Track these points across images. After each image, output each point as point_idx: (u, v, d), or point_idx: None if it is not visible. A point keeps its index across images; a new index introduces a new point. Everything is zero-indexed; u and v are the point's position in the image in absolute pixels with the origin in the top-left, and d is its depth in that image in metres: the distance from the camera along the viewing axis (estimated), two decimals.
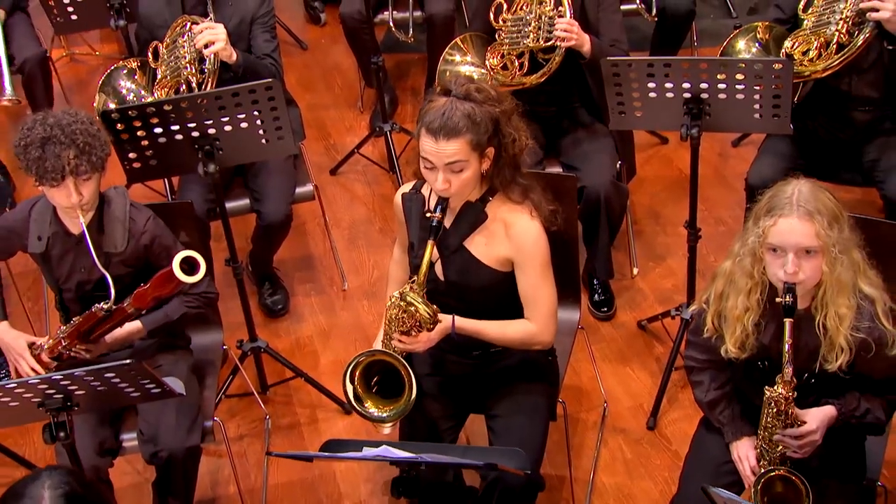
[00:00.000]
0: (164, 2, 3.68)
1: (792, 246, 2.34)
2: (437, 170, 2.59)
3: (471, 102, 2.61)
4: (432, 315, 2.66)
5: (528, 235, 2.71)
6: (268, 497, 3.32)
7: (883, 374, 2.50)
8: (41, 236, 2.90)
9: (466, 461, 2.32)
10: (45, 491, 1.86)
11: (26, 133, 2.66)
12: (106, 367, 2.39)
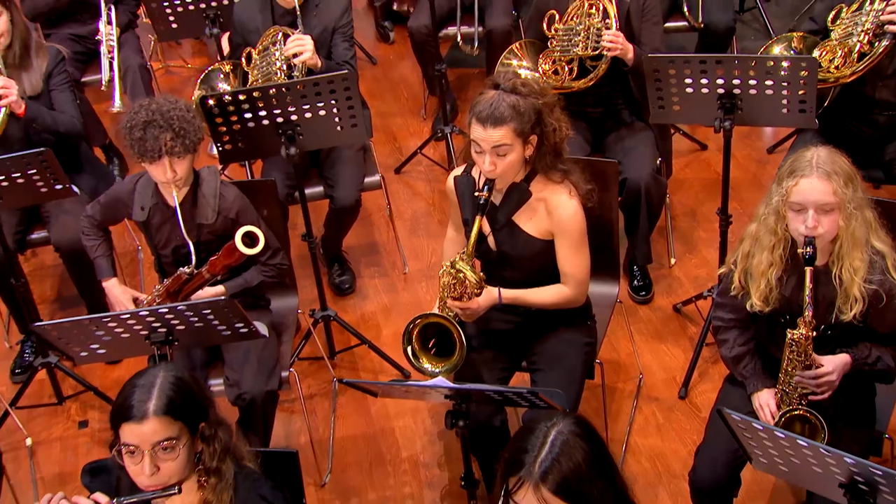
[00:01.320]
0: (257, 10, 3.92)
1: (812, 203, 2.48)
2: (484, 153, 2.78)
3: (516, 95, 2.79)
4: (479, 281, 2.85)
5: (566, 211, 2.88)
6: (334, 448, 3.51)
7: (890, 327, 2.62)
8: (143, 206, 3.14)
9: (511, 388, 2.47)
10: (160, 374, 2.09)
11: (132, 116, 2.91)
12: (204, 303, 2.65)
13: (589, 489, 1.87)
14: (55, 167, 3.28)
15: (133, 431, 2.04)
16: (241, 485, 2.18)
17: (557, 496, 1.85)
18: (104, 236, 3.31)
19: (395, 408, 3.65)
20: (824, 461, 2.10)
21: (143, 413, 2.03)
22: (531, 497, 1.86)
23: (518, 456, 1.90)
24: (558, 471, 1.86)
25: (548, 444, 1.89)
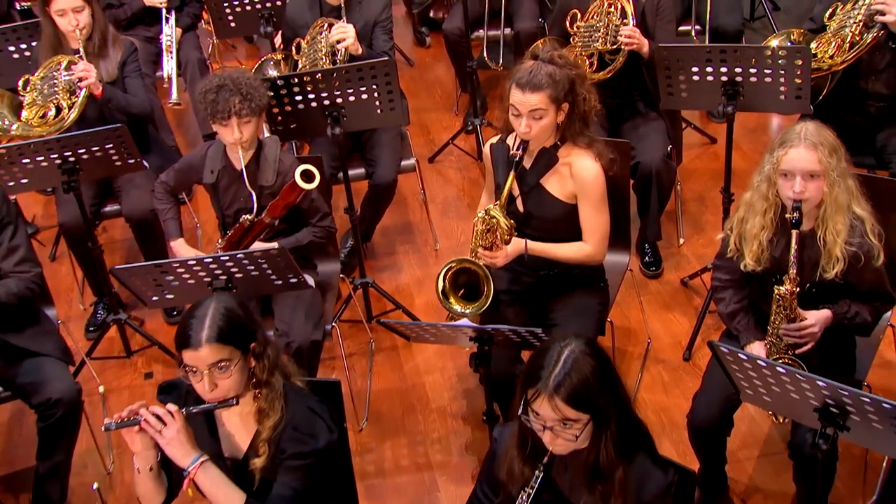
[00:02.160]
0: (306, 7, 4.18)
1: (799, 170, 2.64)
2: (521, 116, 2.98)
3: (553, 65, 2.98)
4: (510, 227, 3.04)
5: (589, 173, 3.06)
6: (370, 399, 3.72)
7: (869, 285, 2.78)
8: (213, 170, 3.38)
9: (528, 328, 2.63)
10: (212, 306, 2.29)
11: (207, 82, 3.18)
12: (259, 252, 2.88)
13: (596, 399, 2.05)
14: (129, 142, 3.54)
15: (191, 356, 2.25)
16: (291, 397, 2.37)
17: (568, 405, 2.02)
18: (174, 201, 3.56)
19: (425, 366, 3.86)
20: (800, 386, 2.28)
21: (197, 342, 2.23)
22: (546, 406, 2.04)
23: (535, 371, 2.07)
24: (569, 383, 2.03)
25: (561, 361, 2.05)
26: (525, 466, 2.17)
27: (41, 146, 3.43)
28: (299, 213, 3.38)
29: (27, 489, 3.37)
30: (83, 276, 4.20)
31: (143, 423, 2.26)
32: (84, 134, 3.47)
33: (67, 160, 3.46)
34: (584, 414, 2.03)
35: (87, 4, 3.87)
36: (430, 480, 3.38)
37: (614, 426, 2.09)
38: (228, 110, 3.12)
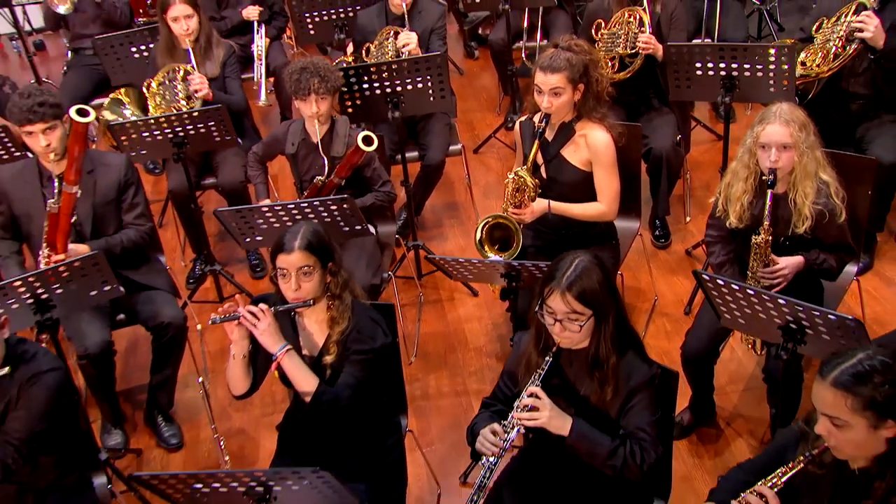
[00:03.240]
0: (374, 16, 4.53)
1: (774, 142, 2.89)
2: (543, 94, 3.27)
3: (570, 52, 3.27)
4: (535, 185, 3.33)
5: (601, 141, 3.33)
6: (419, 340, 4.02)
7: (834, 239, 3.01)
8: (293, 143, 3.73)
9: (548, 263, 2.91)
10: (305, 224, 2.63)
11: (293, 65, 3.54)
12: (331, 199, 3.21)
13: (598, 298, 2.31)
14: (227, 121, 3.88)
15: (284, 259, 2.58)
16: (356, 309, 2.69)
17: (576, 300, 2.29)
18: (263, 169, 3.92)
19: (465, 315, 4.16)
20: (766, 306, 2.54)
21: (291, 248, 2.56)
22: (558, 300, 2.31)
23: (552, 273, 2.35)
24: (579, 283, 2.30)
25: (573, 266, 2.33)
26: (539, 358, 2.46)
27: (158, 123, 3.81)
28: (364, 181, 3.70)
29: (141, 402, 3.75)
30: (184, 237, 4.58)
31: (242, 318, 2.60)
32: (191, 113, 3.85)
33: (178, 135, 3.83)
34: (588, 309, 2.31)
35: (195, 12, 4.26)
36: (467, 403, 3.67)
37: (611, 324, 2.37)
38: (308, 88, 3.47)
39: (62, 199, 3.17)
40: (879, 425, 1.93)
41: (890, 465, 1.99)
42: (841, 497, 2.09)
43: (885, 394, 1.91)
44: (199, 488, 2.20)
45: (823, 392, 1.97)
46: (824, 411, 1.97)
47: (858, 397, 1.92)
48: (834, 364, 1.98)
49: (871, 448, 1.98)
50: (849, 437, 1.95)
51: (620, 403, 2.44)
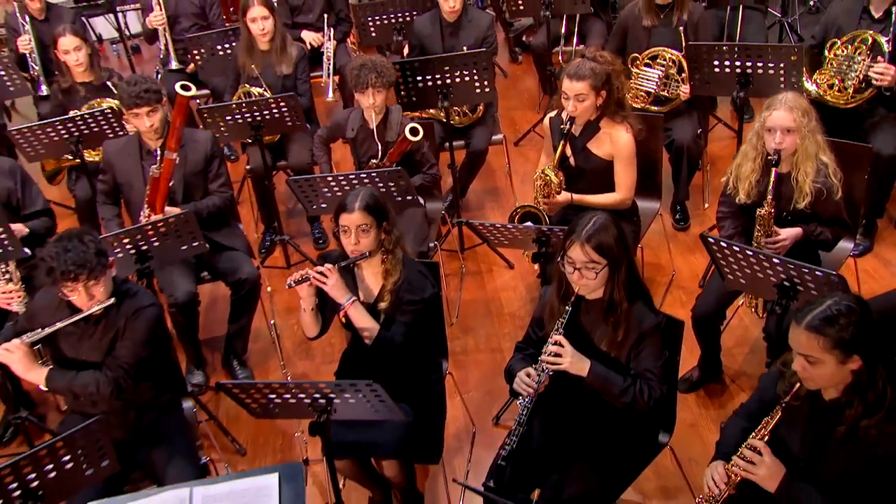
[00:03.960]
0: (429, 22, 4.76)
1: (779, 126, 3.04)
2: (570, 99, 3.45)
3: (595, 62, 3.45)
4: (560, 182, 3.53)
5: (622, 140, 3.51)
6: (460, 305, 4.24)
7: (830, 214, 3.14)
8: (353, 128, 3.98)
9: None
10: (364, 189, 2.87)
11: (354, 62, 3.79)
12: (385, 170, 3.45)
13: (613, 251, 2.49)
14: (298, 108, 4.15)
15: (346, 218, 2.81)
16: (407, 264, 2.91)
17: (594, 250, 2.47)
18: (327, 150, 4.18)
19: (502, 285, 4.37)
20: (763, 265, 2.71)
21: (352, 208, 2.79)
22: (578, 250, 2.49)
23: (573, 228, 2.53)
24: (597, 236, 2.48)
25: (591, 221, 2.51)
26: (560, 304, 2.66)
27: (239, 108, 4.10)
28: (415, 163, 3.93)
29: (219, 349, 4.03)
30: (258, 212, 4.87)
31: (313, 278, 2.84)
32: (265, 100, 4.13)
33: (255, 119, 4.12)
34: (604, 259, 2.50)
35: (271, 15, 4.55)
36: (500, 359, 3.86)
37: (623, 274, 2.55)
38: (367, 82, 3.72)
39: (163, 165, 3.48)
40: (846, 360, 2.10)
41: (857, 393, 2.14)
42: (816, 425, 2.25)
43: (850, 333, 2.08)
44: (272, 398, 2.46)
45: (798, 335, 2.13)
46: (800, 351, 2.14)
47: (828, 337, 2.08)
48: (807, 310, 2.14)
49: (840, 379, 2.14)
50: (821, 372, 2.12)
51: (630, 347, 2.61)
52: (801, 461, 2.25)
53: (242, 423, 3.69)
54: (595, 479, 2.61)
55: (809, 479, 2.23)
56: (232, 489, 2.11)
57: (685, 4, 4.30)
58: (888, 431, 2.11)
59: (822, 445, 2.22)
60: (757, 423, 2.33)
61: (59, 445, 2.32)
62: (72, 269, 2.67)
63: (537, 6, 5.07)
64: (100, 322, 2.86)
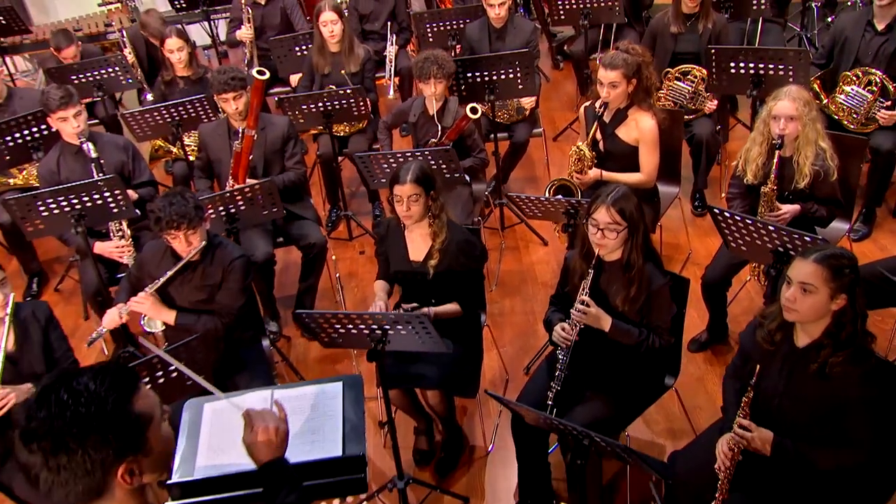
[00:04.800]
0: (478, 28, 4.99)
1: (783, 115, 3.19)
2: (604, 86, 3.65)
3: (627, 54, 3.66)
4: (592, 157, 3.73)
5: (647, 125, 3.69)
6: (500, 274, 4.46)
7: (826, 194, 3.28)
8: (415, 114, 4.22)
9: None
10: (415, 162, 3.09)
11: (419, 55, 4.04)
12: (436, 149, 3.70)
13: (632, 215, 2.65)
14: (364, 100, 4.42)
15: (398, 189, 3.00)
16: (451, 227, 3.12)
17: (616, 213, 2.62)
18: (389, 135, 4.43)
19: (537, 259, 4.58)
20: (760, 233, 2.88)
21: (404, 180, 2.99)
22: (603, 212, 2.63)
23: (598, 194, 2.70)
24: (620, 201, 2.63)
25: (615, 190, 2.68)
26: (583, 262, 2.84)
27: (314, 98, 4.40)
28: (466, 147, 4.16)
29: (291, 305, 4.33)
30: (326, 193, 5.16)
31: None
32: (337, 91, 4.41)
33: (327, 108, 4.43)
34: (624, 222, 2.66)
35: (340, 19, 4.83)
36: (533, 320, 4.10)
37: (639, 237, 2.72)
38: (429, 73, 3.98)
39: (244, 141, 3.81)
40: (835, 296, 2.25)
41: (832, 338, 2.30)
42: (789, 366, 2.40)
43: (846, 275, 2.24)
44: (337, 328, 2.73)
45: (805, 265, 2.26)
46: (801, 280, 2.26)
47: (831, 270, 2.23)
48: (817, 249, 2.30)
49: (822, 314, 2.28)
50: (811, 302, 2.25)
51: (642, 303, 2.78)
52: (777, 398, 2.41)
53: (309, 366, 3.99)
54: (606, 409, 2.81)
55: (786, 418, 2.39)
56: (304, 392, 2.38)
57: (710, 14, 4.47)
58: (850, 372, 2.26)
59: (796, 384, 2.37)
60: (742, 376, 2.50)
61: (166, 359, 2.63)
62: (175, 219, 3.00)
63: (576, 16, 5.26)
64: (197, 268, 3.19)
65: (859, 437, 2.27)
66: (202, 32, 6.89)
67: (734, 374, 2.62)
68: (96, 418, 1.35)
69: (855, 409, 2.25)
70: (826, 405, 2.30)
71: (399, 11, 5.82)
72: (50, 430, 1.33)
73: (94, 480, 1.36)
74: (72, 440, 1.34)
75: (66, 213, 3.56)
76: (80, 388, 1.36)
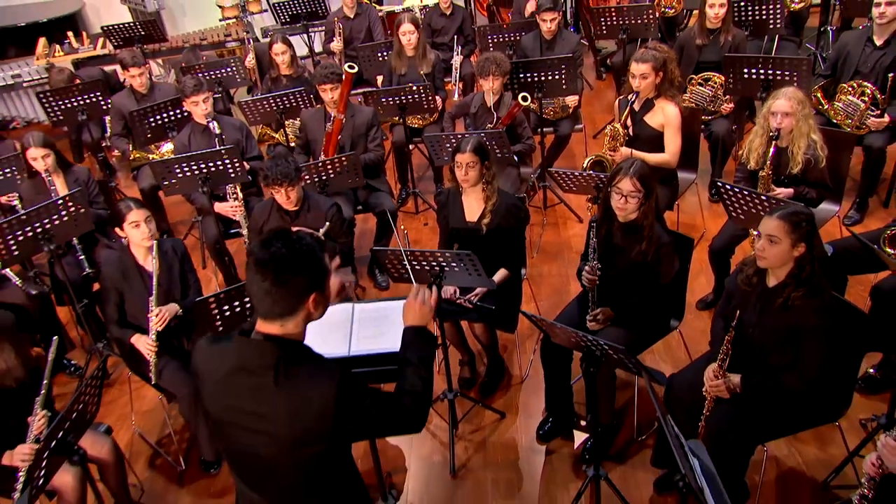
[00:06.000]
0: (532, 40, 5.32)
1: (780, 111, 3.40)
2: (635, 78, 3.91)
3: (655, 51, 3.92)
4: (624, 134, 3.98)
5: (671, 112, 3.92)
6: (541, 244, 4.75)
7: (816, 179, 3.48)
8: (475, 106, 4.57)
9: None
10: (475, 135, 3.48)
11: (482, 56, 4.40)
12: (489, 132, 4.07)
13: (650, 184, 2.91)
14: (432, 95, 4.76)
15: (460, 157, 3.32)
16: (501, 193, 3.45)
17: (637, 181, 2.88)
18: (453, 124, 4.81)
19: (573, 234, 4.86)
20: (755, 202, 3.14)
21: (465, 149, 3.31)
22: (626, 181, 2.89)
23: (619, 167, 2.97)
24: (640, 171, 2.90)
25: (635, 163, 2.94)
26: (604, 224, 3.16)
27: (391, 92, 4.81)
28: (517, 135, 4.48)
29: (366, 263, 4.77)
30: (398, 174, 5.55)
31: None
32: (409, 86, 4.79)
33: (402, 102, 4.84)
34: (643, 189, 2.93)
35: (416, 29, 5.26)
36: (566, 282, 4.39)
37: (652, 203, 3.00)
38: (489, 70, 4.33)
39: (335, 123, 4.26)
40: (796, 245, 2.52)
41: (794, 279, 2.56)
42: (762, 302, 2.65)
43: (804, 227, 2.50)
44: (404, 265, 3.13)
45: (771, 221, 2.52)
46: (768, 233, 2.52)
47: (791, 224, 2.49)
48: (780, 208, 2.58)
49: (787, 259, 2.54)
50: (776, 251, 2.53)
51: (651, 257, 3.05)
52: (752, 328, 2.68)
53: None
54: (621, 338, 3.10)
55: (758, 343, 2.64)
56: (379, 307, 2.79)
57: (730, 29, 4.71)
58: (807, 305, 2.51)
59: (766, 316, 2.63)
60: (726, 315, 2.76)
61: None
62: (279, 178, 3.46)
63: (616, 31, 5.54)
64: (297, 216, 3.66)
65: (812, 357, 2.53)
66: (301, 43, 7.41)
67: (720, 314, 2.90)
68: (309, 259, 1.67)
69: (810, 335, 2.51)
70: (788, 332, 2.56)
71: (465, 27, 6.21)
72: (279, 259, 1.65)
73: (293, 302, 1.68)
74: (291, 270, 1.65)
75: (195, 175, 4.07)
76: (301, 239, 1.69)
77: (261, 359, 1.70)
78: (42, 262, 4.44)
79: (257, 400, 1.70)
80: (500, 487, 3.20)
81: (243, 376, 1.72)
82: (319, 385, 1.68)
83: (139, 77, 5.07)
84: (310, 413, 1.67)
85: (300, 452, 1.71)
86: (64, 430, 2.51)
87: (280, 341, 1.71)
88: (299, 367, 1.70)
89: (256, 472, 1.79)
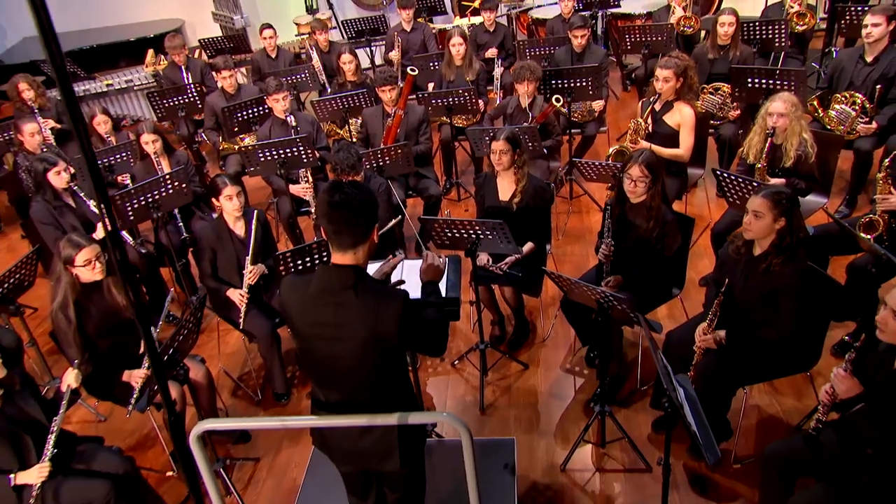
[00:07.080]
0: (564, 55, 5.55)
1: (775, 112, 3.57)
2: (659, 80, 4.13)
3: (677, 59, 4.12)
4: (645, 128, 4.20)
5: (687, 112, 4.11)
6: (566, 229, 4.98)
7: (806, 172, 3.63)
8: (511, 107, 4.84)
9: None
10: (506, 128, 3.78)
11: (518, 63, 4.70)
12: (521, 127, 4.35)
13: (658, 171, 3.14)
14: (475, 98, 5.08)
15: (495, 144, 3.56)
16: (530, 176, 3.70)
17: (646, 168, 3.11)
18: (492, 124, 5.11)
19: (595, 220, 5.05)
20: (748, 188, 3.34)
21: (500, 137, 3.55)
22: (636, 168, 3.13)
23: (631, 156, 3.21)
24: (649, 159, 3.12)
25: (644, 153, 3.18)
26: (618, 206, 3.37)
27: (440, 94, 5.12)
28: (548, 132, 4.69)
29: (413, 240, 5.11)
30: (443, 167, 5.82)
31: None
32: (456, 90, 5.08)
33: (449, 103, 5.15)
34: (651, 175, 3.16)
35: (464, 42, 5.57)
36: (588, 261, 4.58)
37: (658, 186, 3.22)
38: (524, 76, 4.59)
39: (395, 118, 4.60)
40: (777, 219, 2.74)
41: (775, 248, 2.75)
42: (748, 269, 2.85)
43: (784, 204, 2.72)
44: (447, 232, 3.43)
45: (756, 199, 2.72)
46: (753, 209, 2.71)
47: (773, 201, 2.69)
48: (765, 188, 2.79)
49: (770, 232, 2.74)
50: (760, 224, 2.74)
51: (658, 232, 3.27)
52: (738, 291, 2.89)
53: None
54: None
55: (743, 302, 2.85)
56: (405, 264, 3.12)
57: (738, 45, 4.89)
58: (785, 270, 2.71)
59: (751, 280, 2.83)
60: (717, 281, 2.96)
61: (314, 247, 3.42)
62: (343, 165, 3.81)
63: (639, 47, 5.75)
64: None
65: (787, 313, 2.74)
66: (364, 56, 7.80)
67: (712, 279, 3.13)
68: (370, 202, 1.94)
69: (785, 294, 2.72)
70: (769, 293, 2.78)
71: (507, 42, 6.49)
72: (348, 200, 1.90)
73: (359, 236, 1.92)
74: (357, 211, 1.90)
75: (275, 159, 4.46)
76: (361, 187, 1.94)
77: (341, 281, 1.95)
78: (147, 232, 4.90)
79: (338, 314, 1.95)
80: (522, 422, 3.48)
81: (327, 296, 1.95)
82: (390, 301, 1.93)
83: (229, 78, 5.52)
84: (382, 322, 1.91)
85: (372, 354, 1.95)
86: (173, 347, 2.90)
87: (355, 268, 2.00)
88: (372, 288, 1.98)
89: (337, 374, 2.02)
